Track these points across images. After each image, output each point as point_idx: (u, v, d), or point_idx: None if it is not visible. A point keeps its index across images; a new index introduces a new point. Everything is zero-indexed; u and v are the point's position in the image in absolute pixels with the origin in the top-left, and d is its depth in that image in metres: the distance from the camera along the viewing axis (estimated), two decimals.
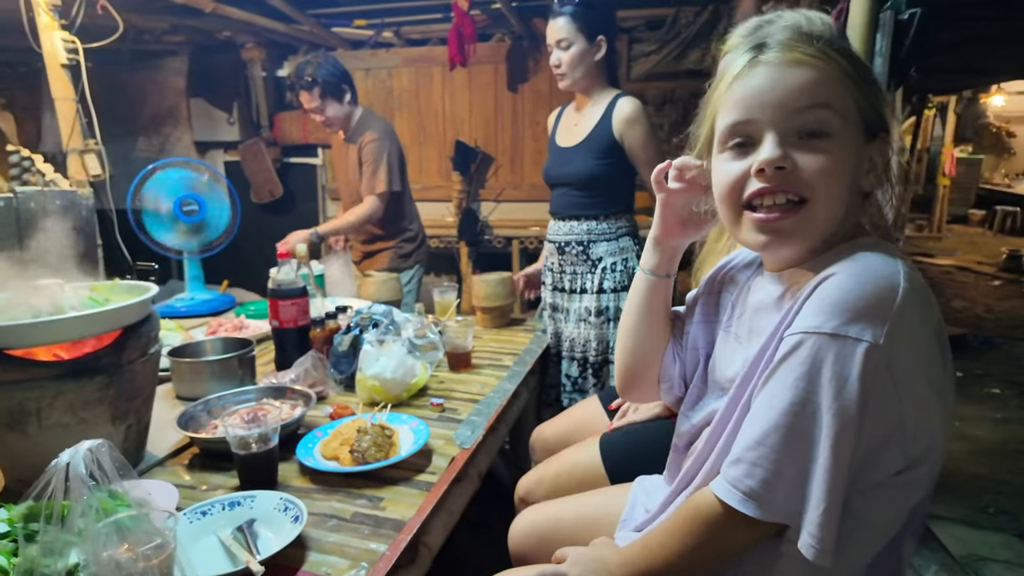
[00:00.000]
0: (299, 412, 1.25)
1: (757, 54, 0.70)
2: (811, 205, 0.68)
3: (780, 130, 0.68)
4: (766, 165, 0.67)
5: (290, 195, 4.19)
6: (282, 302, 1.54)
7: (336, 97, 2.41)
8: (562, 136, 1.98)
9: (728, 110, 0.72)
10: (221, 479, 1.11)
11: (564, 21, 1.79)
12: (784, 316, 0.69)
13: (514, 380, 1.60)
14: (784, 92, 0.68)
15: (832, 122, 0.67)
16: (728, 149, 0.73)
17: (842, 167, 0.68)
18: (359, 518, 0.99)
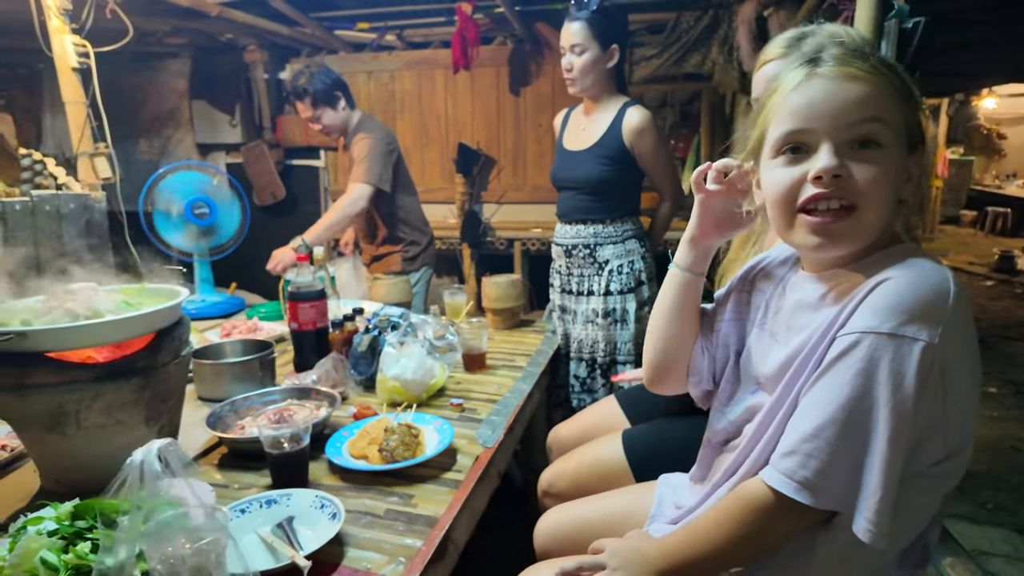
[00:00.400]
0: (324, 412, 1.28)
1: (814, 67, 0.74)
2: (861, 211, 0.72)
3: (836, 140, 0.72)
4: (824, 173, 0.71)
5: (292, 197, 4.20)
6: (301, 305, 1.56)
7: (330, 104, 2.41)
8: (570, 139, 2.01)
9: (784, 119, 0.75)
10: (252, 478, 1.14)
11: (580, 26, 1.81)
12: (835, 316, 0.73)
13: (529, 381, 1.63)
14: (841, 104, 0.72)
15: (883, 135, 0.72)
16: (782, 155, 0.76)
17: (890, 177, 0.73)
18: (392, 515, 1.02)
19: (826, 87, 0.73)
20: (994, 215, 9.18)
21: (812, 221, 0.74)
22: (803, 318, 0.81)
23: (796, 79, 0.75)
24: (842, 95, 0.72)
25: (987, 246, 7.87)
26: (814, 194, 0.73)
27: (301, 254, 2.19)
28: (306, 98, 2.38)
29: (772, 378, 0.84)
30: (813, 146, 0.74)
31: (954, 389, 0.68)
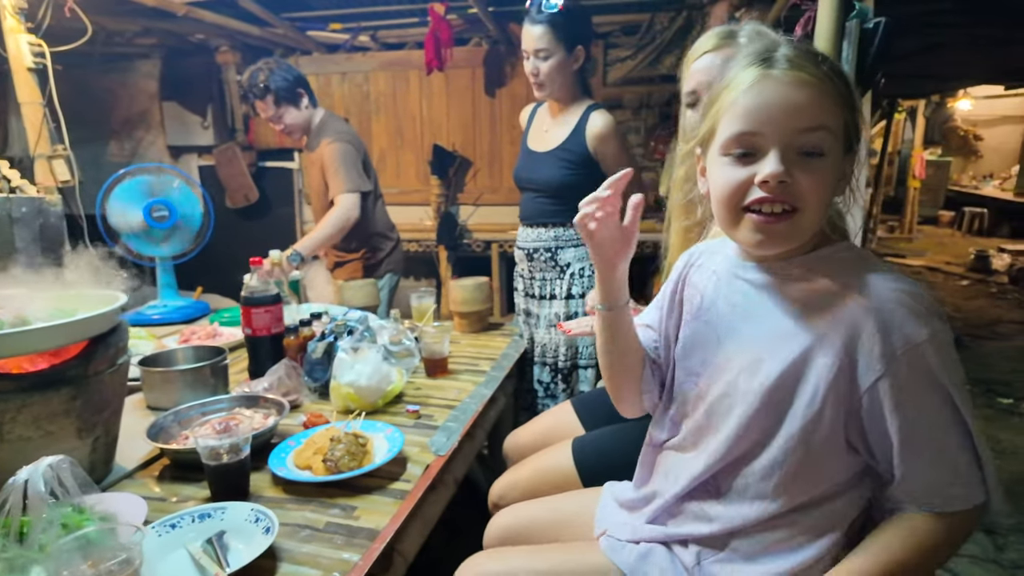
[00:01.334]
0: (272, 421, 1.24)
1: (768, 68, 0.75)
2: (802, 214, 0.76)
3: (783, 146, 0.74)
4: (771, 178, 0.74)
5: (266, 200, 4.15)
6: (255, 310, 1.52)
7: (292, 103, 2.33)
8: (534, 139, 1.98)
9: (735, 119, 0.76)
10: (192, 490, 1.10)
11: (543, 30, 1.75)
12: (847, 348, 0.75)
13: (491, 385, 1.60)
14: (791, 110, 0.73)
15: (826, 142, 0.74)
16: (731, 155, 0.78)
17: (830, 181, 0.76)
18: (332, 528, 0.99)
19: (778, 91, 0.74)
20: (971, 215, 9.30)
21: (757, 220, 0.77)
22: (754, 306, 0.84)
23: (749, 79, 0.76)
24: (792, 100, 0.73)
25: (964, 246, 7.96)
26: (760, 197, 0.75)
27: (295, 264, 2.16)
28: (267, 96, 2.30)
29: (719, 370, 0.86)
30: (762, 149, 0.75)
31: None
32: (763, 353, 0.80)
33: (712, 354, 0.87)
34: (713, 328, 0.88)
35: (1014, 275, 6.29)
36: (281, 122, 2.36)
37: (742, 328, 0.84)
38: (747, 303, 0.85)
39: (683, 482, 0.88)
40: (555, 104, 1.92)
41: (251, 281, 1.53)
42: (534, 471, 1.28)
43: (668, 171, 1.28)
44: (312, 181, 2.49)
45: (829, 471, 0.79)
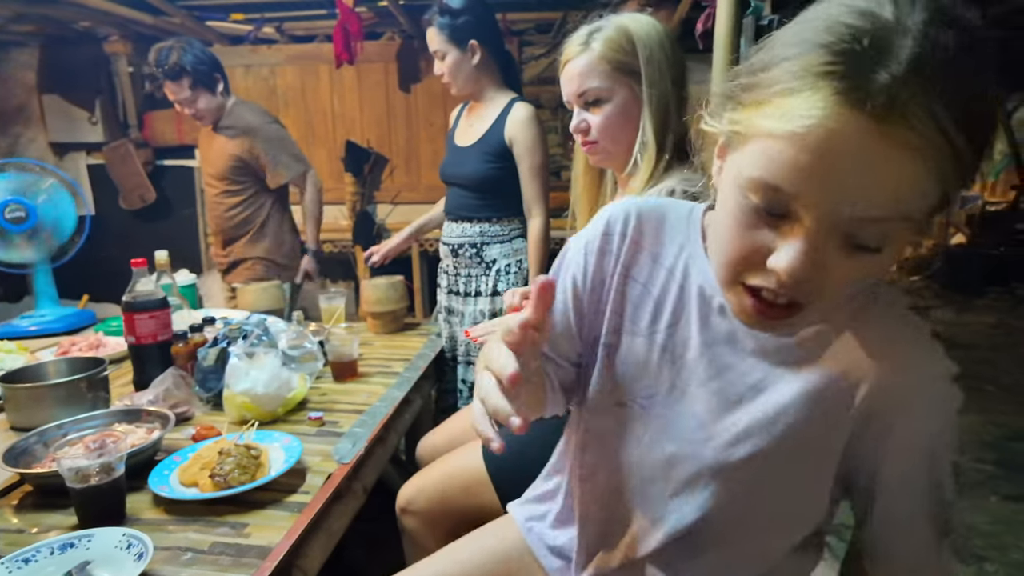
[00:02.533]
0: (155, 436, 1.13)
1: (857, 99, 0.45)
2: (809, 308, 0.55)
3: (825, 229, 0.49)
4: (785, 275, 0.51)
5: (165, 200, 3.88)
6: (138, 316, 1.40)
7: (208, 87, 2.22)
8: (459, 134, 1.96)
9: (768, 159, 0.49)
10: (58, 519, 0.98)
11: (433, 32, 1.79)
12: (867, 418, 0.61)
13: (404, 387, 1.54)
14: (861, 184, 0.47)
15: (894, 235, 0.50)
16: (749, 200, 0.53)
17: (871, 275, 0.54)
18: (219, 548, 0.91)
19: (856, 145, 0.45)
20: None
21: (751, 304, 0.57)
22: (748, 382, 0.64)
23: (816, 111, 0.45)
24: (872, 169, 0.45)
25: None
26: (764, 287, 0.55)
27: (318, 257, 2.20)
28: (182, 78, 2.16)
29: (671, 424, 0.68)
30: (793, 215, 0.51)
31: None
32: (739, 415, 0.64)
33: (666, 392, 0.68)
34: (671, 358, 0.68)
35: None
36: (193, 106, 2.22)
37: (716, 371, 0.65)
38: (726, 339, 0.65)
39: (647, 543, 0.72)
40: (474, 100, 1.93)
41: (134, 285, 1.40)
42: (443, 474, 1.24)
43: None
44: (214, 163, 2.35)
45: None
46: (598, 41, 1.09)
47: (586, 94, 1.11)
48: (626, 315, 0.71)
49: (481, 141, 1.87)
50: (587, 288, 0.73)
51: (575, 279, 0.74)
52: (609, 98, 1.10)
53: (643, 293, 0.70)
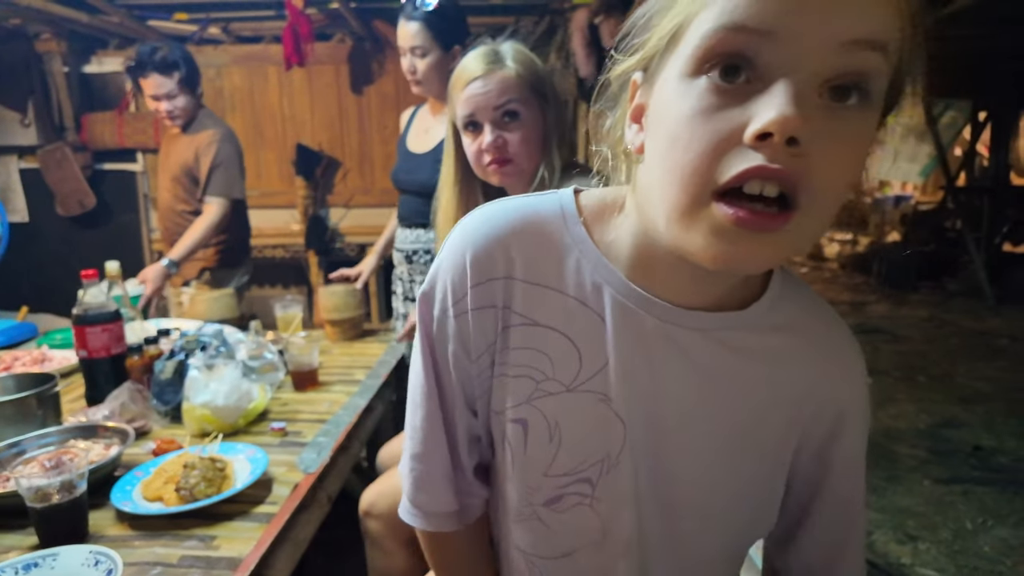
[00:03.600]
0: (115, 451, 1.11)
1: None
2: (802, 217, 0.42)
3: (808, 71, 0.40)
4: (778, 129, 0.39)
5: (105, 206, 3.72)
6: (90, 329, 1.36)
7: (192, 89, 2.23)
8: (413, 140, 1.95)
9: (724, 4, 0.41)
10: (15, 539, 0.96)
11: (419, 27, 1.74)
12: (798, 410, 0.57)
13: (366, 395, 1.55)
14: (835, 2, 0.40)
15: (875, 77, 0.42)
16: (707, 72, 0.42)
17: (860, 158, 0.44)
18: (188, 561, 0.90)
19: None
20: None
21: (731, 216, 0.42)
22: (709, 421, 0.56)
23: None
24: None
25: None
26: (752, 168, 0.41)
27: (171, 272, 2.09)
28: (174, 73, 2.14)
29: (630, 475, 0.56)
30: (768, 72, 0.41)
31: None
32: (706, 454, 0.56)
33: (617, 452, 0.55)
34: (615, 409, 0.54)
35: (842, 261, 7.16)
36: (173, 103, 2.21)
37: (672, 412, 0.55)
38: (671, 374, 0.54)
39: None
40: (435, 103, 1.90)
41: (85, 297, 1.37)
42: None
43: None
44: (173, 164, 2.33)
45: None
46: (510, 59, 1.12)
47: (505, 106, 1.11)
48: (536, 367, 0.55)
49: (438, 148, 1.86)
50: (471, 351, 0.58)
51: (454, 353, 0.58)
52: (525, 115, 1.13)
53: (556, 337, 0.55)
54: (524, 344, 0.55)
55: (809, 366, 0.56)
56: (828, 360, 0.57)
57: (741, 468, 0.57)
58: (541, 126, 1.14)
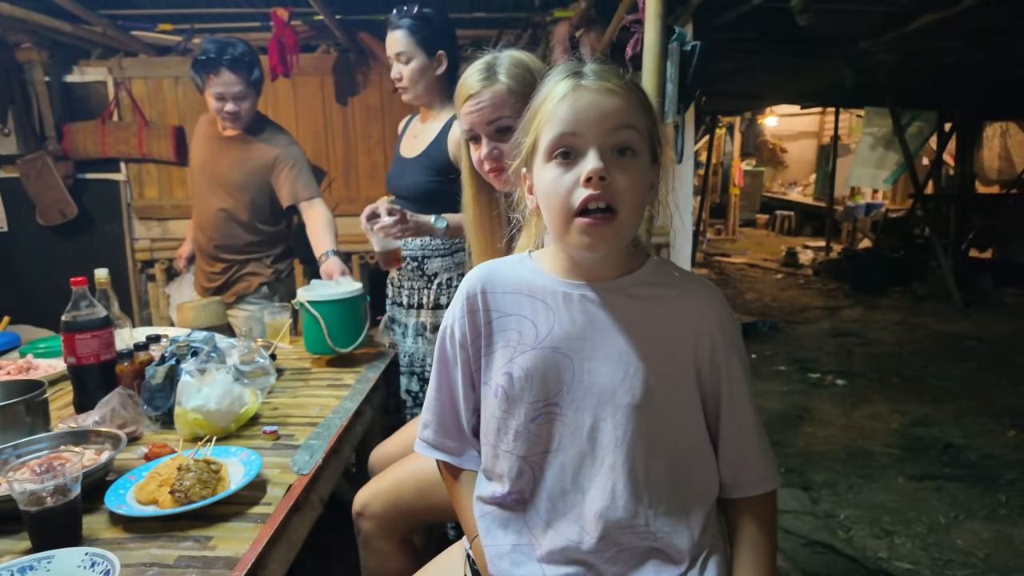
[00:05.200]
0: (106, 456, 1.12)
1: (578, 80, 0.82)
2: (620, 216, 0.80)
3: (600, 145, 0.80)
4: (593, 174, 0.78)
5: (87, 216, 3.68)
6: (79, 336, 1.37)
7: (259, 92, 2.17)
8: (405, 146, 1.98)
9: (555, 124, 0.81)
10: (7, 544, 0.96)
11: (402, 34, 1.79)
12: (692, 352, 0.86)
13: (356, 399, 1.57)
14: (603, 113, 0.80)
15: (636, 142, 0.81)
16: (554, 159, 0.82)
17: (642, 183, 0.82)
18: (184, 561, 0.92)
19: (590, 97, 0.81)
20: (782, 218, 10.67)
21: (585, 223, 0.80)
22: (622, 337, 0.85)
23: (564, 90, 0.82)
24: (603, 104, 0.81)
25: (777, 244, 9.11)
26: (585, 197, 0.79)
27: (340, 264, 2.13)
28: (244, 71, 2.07)
29: (584, 393, 0.85)
30: (581, 151, 0.81)
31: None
32: (628, 367, 0.84)
33: (570, 380, 0.85)
34: (563, 353, 0.86)
35: (816, 268, 7.31)
36: (240, 104, 2.11)
37: (598, 346, 0.85)
38: (592, 321, 0.86)
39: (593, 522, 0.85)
40: (425, 110, 1.95)
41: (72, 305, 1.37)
42: (397, 478, 1.28)
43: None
44: (228, 169, 2.26)
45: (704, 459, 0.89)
46: (503, 74, 1.17)
47: (497, 122, 1.18)
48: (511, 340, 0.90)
49: (423, 154, 1.89)
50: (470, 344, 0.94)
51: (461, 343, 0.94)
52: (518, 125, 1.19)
53: (519, 319, 0.90)
54: (501, 328, 0.91)
55: (683, 304, 0.87)
56: (694, 297, 0.88)
57: (656, 371, 0.84)
58: None
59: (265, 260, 2.36)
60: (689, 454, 0.87)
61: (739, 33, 3.53)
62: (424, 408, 1.01)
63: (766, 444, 0.90)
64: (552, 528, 0.87)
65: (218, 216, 2.29)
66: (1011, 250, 6.54)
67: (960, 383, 3.77)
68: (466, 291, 0.93)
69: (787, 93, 6.70)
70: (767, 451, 0.90)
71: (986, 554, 2.12)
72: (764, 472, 0.89)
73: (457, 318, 0.94)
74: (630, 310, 0.86)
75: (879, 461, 2.81)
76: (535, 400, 0.87)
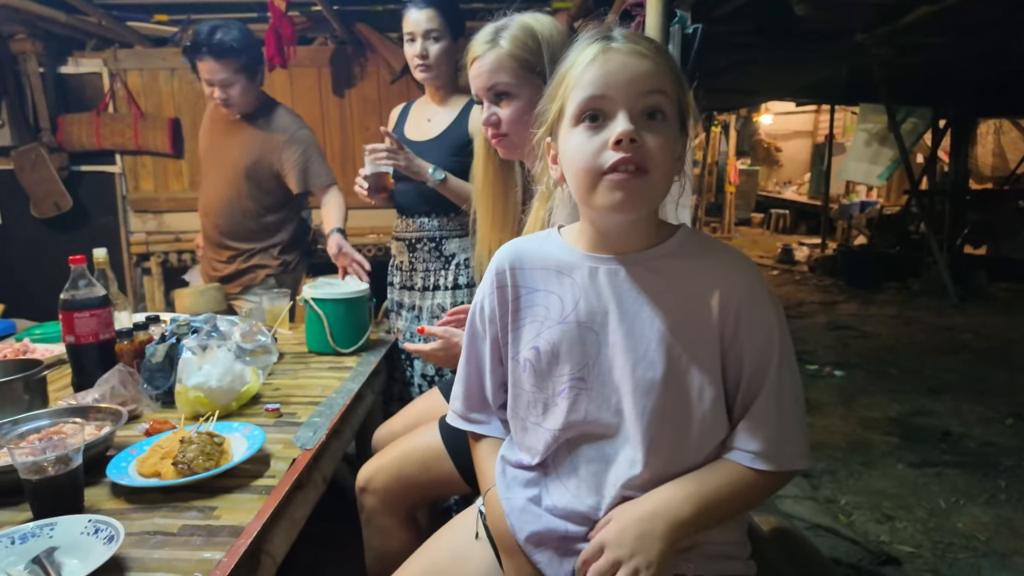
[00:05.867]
0: (108, 430, 1.11)
1: (608, 43, 0.80)
2: (652, 175, 0.78)
3: (630, 108, 0.78)
4: (623, 136, 0.76)
5: (81, 208, 3.67)
6: (78, 315, 1.35)
7: (251, 77, 2.09)
8: (413, 130, 1.96)
9: (583, 88, 0.80)
10: (7, 516, 0.95)
11: (433, 13, 1.78)
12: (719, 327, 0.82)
13: (358, 380, 1.56)
14: (633, 75, 0.78)
15: (666, 107, 0.79)
16: (582, 123, 0.80)
17: (671, 146, 0.80)
18: (189, 530, 0.91)
19: (620, 60, 0.79)
20: (776, 216, 10.70)
21: (614, 178, 0.78)
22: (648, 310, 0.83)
23: (592, 53, 0.80)
24: (633, 67, 0.79)
25: (772, 242, 9.14)
26: (618, 159, 0.77)
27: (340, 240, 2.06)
28: (230, 58, 2.00)
29: (607, 367, 0.84)
30: (610, 113, 0.79)
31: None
32: (652, 341, 0.82)
33: (595, 354, 0.85)
34: (588, 327, 0.85)
35: (812, 265, 7.34)
36: (227, 91, 2.05)
37: (623, 320, 0.83)
38: (618, 296, 0.84)
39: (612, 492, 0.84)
40: (436, 94, 1.92)
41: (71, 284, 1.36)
42: (400, 452, 1.27)
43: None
44: (239, 154, 2.20)
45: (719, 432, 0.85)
46: (505, 39, 1.16)
47: (495, 87, 1.17)
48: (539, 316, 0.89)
49: (444, 135, 1.87)
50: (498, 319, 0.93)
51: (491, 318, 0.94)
52: (517, 94, 1.17)
53: (546, 294, 0.89)
54: (529, 303, 0.91)
55: (711, 276, 0.83)
56: (723, 268, 0.84)
57: (681, 345, 0.82)
58: (537, 101, 1.17)
59: (272, 251, 2.30)
60: (711, 429, 0.84)
61: (736, 26, 3.54)
62: (455, 380, 1.01)
63: (795, 423, 0.83)
64: (571, 494, 0.87)
65: (224, 202, 2.25)
66: (1004, 246, 6.58)
67: (956, 375, 3.79)
68: (495, 267, 0.93)
69: (783, 88, 6.73)
70: (794, 430, 0.83)
71: (987, 537, 2.13)
72: (789, 451, 0.82)
73: (487, 293, 0.94)
74: (656, 283, 0.84)
75: (878, 449, 2.82)
76: (562, 374, 0.86)
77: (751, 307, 0.82)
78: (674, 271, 0.84)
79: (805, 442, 0.85)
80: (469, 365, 0.99)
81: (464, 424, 1.01)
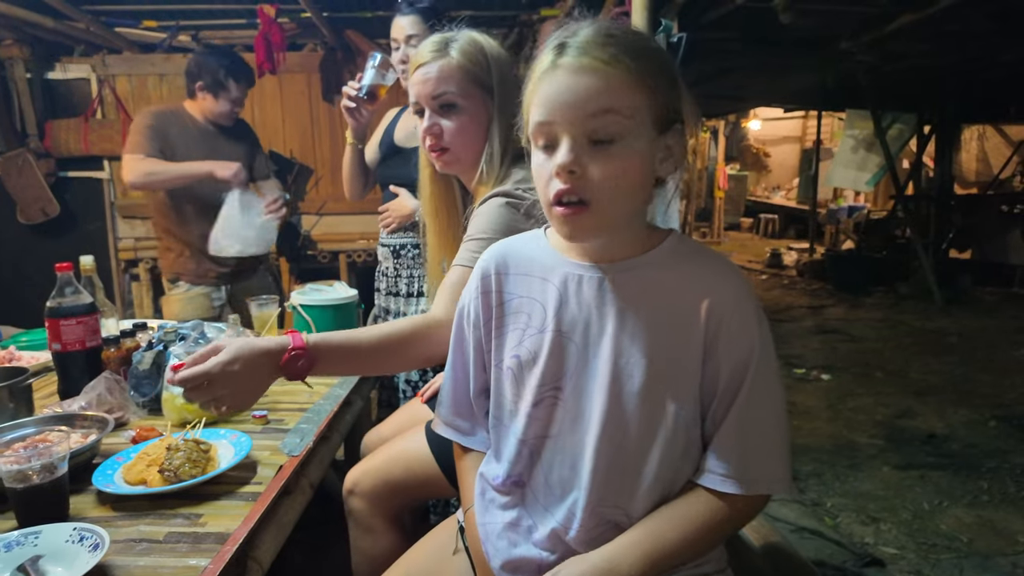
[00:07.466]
0: (94, 437, 1.11)
1: (558, 56, 0.75)
2: (593, 207, 0.74)
3: (573, 135, 0.74)
4: (561, 169, 0.74)
5: (69, 214, 3.65)
6: (64, 322, 1.35)
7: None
8: (403, 137, 1.97)
9: (534, 108, 0.77)
10: None
11: (414, 19, 1.80)
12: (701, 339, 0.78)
13: (346, 386, 1.56)
14: (576, 97, 0.73)
15: (617, 127, 0.73)
16: (538, 147, 0.78)
17: (629, 169, 0.75)
18: (174, 537, 0.91)
19: (564, 81, 0.74)
20: (765, 221, 10.79)
21: (559, 212, 0.76)
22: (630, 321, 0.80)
23: (541, 68, 0.77)
24: (578, 87, 0.73)
25: (761, 247, 9.21)
26: (559, 190, 0.75)
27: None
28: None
29: (587, 378, 0.81)
30: (556, 140, 0.75)
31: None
32: (632, 353, 0.78)
33: (574, 365, 0.82)
34: (569, 337, 0.82)
35: (800, 269, 7.40)
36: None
37: (603, 331, 0.80)
38: (599, 305, 0.81)
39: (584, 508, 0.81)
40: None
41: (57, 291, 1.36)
42: (387, 456, 1.28)
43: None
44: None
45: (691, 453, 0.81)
46: (456, 50, 1.13)
47: (441, 97, 1.13)
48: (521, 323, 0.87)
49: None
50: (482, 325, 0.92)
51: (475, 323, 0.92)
52: (463, 106, 1.14)
53: (530, 301, 0.87)
54: (512, 310, 0.89)
55: (695, 285, 0.80)
56: (708, 277, 0.80)
57: (662, 357, 0.79)
58: (482, 117, 1.16)
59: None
60: (687, 444, 0.80)
61: (723, 33, 3.59)
62: (441, 385, 1.00)
63: (772, 442, 0.79)
64: (548, 512, 0.85)
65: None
66: (989, 250, 6.67)
67: (942, 377, 3.83)
68: (481, 270, 0.91)
69: (770, 95, 6.80)
70: (769, 450, 0.78)
71: (969, 538, 2.15)
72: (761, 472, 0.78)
73: (472, 298, 0.92)
74: (639, 293, 0.80)
75: (864, 452, 2.85)
76: (540, 384, 0.83)
77: (735, 317, 0.78)
78: (660, 282, 0.81)
79: (784, 465, 0.79)
80: (455, 370, 0.97)
81: (449, 432, 0.99)
